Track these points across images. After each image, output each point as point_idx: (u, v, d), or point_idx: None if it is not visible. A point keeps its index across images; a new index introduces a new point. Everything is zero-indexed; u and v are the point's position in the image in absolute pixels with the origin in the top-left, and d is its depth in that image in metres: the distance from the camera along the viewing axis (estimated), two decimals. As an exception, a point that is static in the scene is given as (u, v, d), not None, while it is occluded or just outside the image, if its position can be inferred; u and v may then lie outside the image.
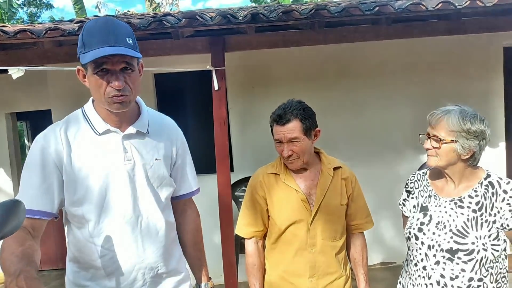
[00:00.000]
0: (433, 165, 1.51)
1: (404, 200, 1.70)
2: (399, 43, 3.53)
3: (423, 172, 1.67)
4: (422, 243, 1.50)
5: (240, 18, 2.47)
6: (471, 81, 4.03)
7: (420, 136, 1.56)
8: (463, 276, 1.42)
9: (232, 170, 3.98)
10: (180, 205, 1.62)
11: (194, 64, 3.36)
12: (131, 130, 1.39)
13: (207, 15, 2.53)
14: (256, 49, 2.92)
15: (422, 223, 1.53)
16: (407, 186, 1.69)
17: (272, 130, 1.71)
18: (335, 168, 1.77)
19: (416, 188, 1.65)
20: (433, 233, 1.49)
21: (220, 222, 2.80)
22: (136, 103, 1.48)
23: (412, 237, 1.54)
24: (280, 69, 4.02)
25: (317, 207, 1.68)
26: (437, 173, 1.62)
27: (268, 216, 1.76)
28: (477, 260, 1.41)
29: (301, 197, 1.68)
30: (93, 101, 1.41)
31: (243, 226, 1.79)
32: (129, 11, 11.13)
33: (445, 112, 1.48)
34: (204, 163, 3.39)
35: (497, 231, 1.43)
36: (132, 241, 1.38)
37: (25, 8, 16.53)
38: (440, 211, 1.51)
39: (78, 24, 2.44)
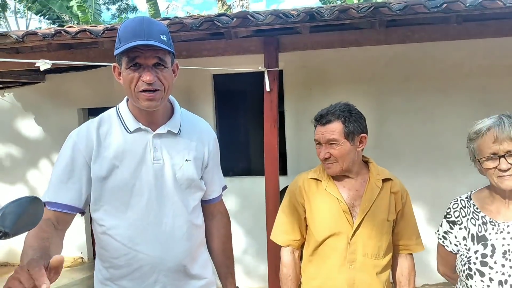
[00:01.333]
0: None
1: (445, 232, 1.48)
2: (474, 43, 3.21)
3: (467, 197, 1.45)
4: (491, 279, 1.28)
5: (293, 17, 2.37)
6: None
7: (481, 160, 1.31)
8: None
9: (285, 173, 3.91)
10: (210, 209, 1.58)
11: (249, 65, 3.33)
12: (162, 129, 1.37)
13: (261, 14, 2.47)
14: (311, 50, 2.81)
15: (484, 256, 1.32)
16: (449, 216, 1.47)
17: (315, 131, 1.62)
18: (384, 180, 1.62)
19: (463, 217, 1.43)
20: (503, 265, 1.28)
21: (267, 228, 2.73)
22: (170, 103, 1.46)
23: (475, 274, 1.32)
24: (340, 70, 3.86)
25: (360, 220, 1.55)
26: (485, 196, 1.41)
27: (306, 225, 1.66)
28: None
29: (343, 207, 1.56)
30: (127, 100, 1.41)
31: (280, 233, 1.70)
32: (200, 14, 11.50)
33: (500, 123, 1.29)
34: (260, 165, 3.35)
35: None
36: (155, 242, 1.35)
37: (113, 11, 17.71)
38: (504, 238, 1.30)
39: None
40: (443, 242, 1.49)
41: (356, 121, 1.56)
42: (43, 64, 1.87)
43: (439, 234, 1.52)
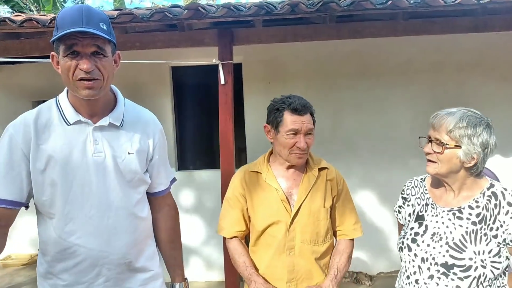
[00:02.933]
0: (432, 172, 1.38)
1: (399, 207, 1.58)
2: (426, 39, 3.33)
3: (422, 178, 1.55)
4: (416, 255, 1.38)
5: (244, 10, 2.39)
6: (504, 83, 3.74)
7: (420, 138, 1.42)
8: None
9: (245, 166, 3.93)
10: (157, 202, 1.57)
11: (209, 58, 3.33)
12: (103, 122, 1.36)
13: (214, 7, 2.47)
14: (265, 43, 2.84)
15: (416, 233, 1.41)
16: (403, 193, 1.57)
17: (277, 120, 1.60)
18: (320, 169, 1.67)
19: (412, 195, 1.53)
20: (428, 245, 1.37)
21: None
22: (113, 93, 1.45)
23: (405, 248, 1.42)
24: (298, 65, 3.91)
25: (297, 208, 1.59)
26: (437, 180, 1.49)
27: (249, 216, 1.68)
28: (474, 278, 1.28)
29: (281, 196, 1.60)
30: (67, 91, 1.38)
31: (224, 226, 1.71)
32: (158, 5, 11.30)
33: (449, 113, 1.35)
34: (217, 158, 3.36)
35: (499, 247, 1.29)
36: (97, 236, 1.34)
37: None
38: (437, 222, 1.39)
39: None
40: (397, 215, 1.59)
41: (313, 113, 1.65)
42: None
43: (395, 208, 1.61)
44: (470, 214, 1.35)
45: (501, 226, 1.30)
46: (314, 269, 1.61)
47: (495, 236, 1.30)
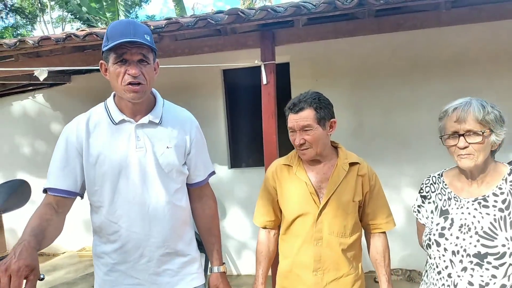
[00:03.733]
0: (471, 165, 1.34)
1: (419, 206, 1.58)
2: (480, 27, 3.17)
3: (439, 174, 1.55)
4: (445, 249, 1.37)
5: (282, 11, 2.48)
6: None
7: (443, 137, 1.39)
8: (494, 283, 1.28)
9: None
10: (196, 192, 1.73)
11: (253, 59, 3.46)
12: (144, 120, 1.54)
13: (253, 9, 2.59)
14: (305, 42, 2.90)
15: (443, 228, 1.41)
16: (421, 191, 1.57)
17: (287, 120, 1.72)
18: (351, 164, 1.71)
19: (432, 192, 1.52)
20: (457, 238, 1.36)
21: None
22: (153, 95, 1.63)
23: (433, 244, 1.41)
24: (345, 61, 3.90)
25: (325, 201, 1.65)
26: (454, 174, 1.49)
27: (279, 207, 1.78)
28: (510, 264, 1.27)
29: (310, 189, 1.67)
30: (114, 95, 1.58)
31: (257, 215, 1.84)
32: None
33: (466, 104, 1.36)
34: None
35: None
36: (140, 221, 1.52)
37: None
38: (463, 213, 1.38)
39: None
40: (417, 215, 1.60)
41: (325, 108, 1.66)
42: (40, 72, 2.06)
43: (414, 208, 1.61)
44: (495, 201, 1.34)
45: None
46: (341, 260, 1.66)
47: None
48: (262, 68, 2.84)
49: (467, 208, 1.38)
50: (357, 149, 3.82)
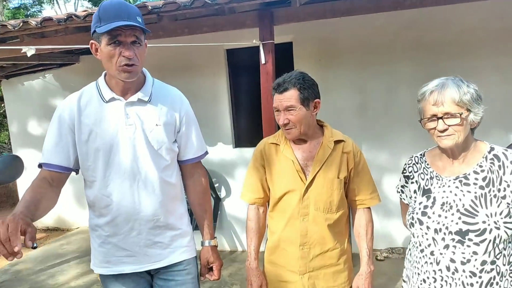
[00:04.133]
0: (452, 144, 1.36)
1: (402, 186, 1.62)
2: (489, 4, 3.11)
3: (421, 154, 1.57)
4: (428, 227, 1.41)
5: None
6: None
7: (423, 121, 1.41)
8: (476, 260, 1.32)
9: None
10: (188, 169, 1.79)
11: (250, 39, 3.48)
12: (133, 98, 1.59)
13: None
14: (304, 21, 2.90)
15: (425, 207, 1.44)
16: (405, 171, 1.60)
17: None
18: (336, 142, 1.75)
19: (415, 172, 1.55)
20: (439, 216, 1.39)
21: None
22: (142, 74, 1.68)
23: (415, 222, 1.45)
24: (349, 40, 3.88)
25: (311, 178, 1.70)
26: (436, 153, 1.52)
27: (267, 184, 1.83)
28: (490, 241, 1.30)
29: (296, 167, 1.71)
30: (105, 75, 1.64)
31: (246, 192, 1.88)
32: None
33: (442, 85, 1.37)
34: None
35: (508, 207, 1.31)
36: (130, 195, 1.59)
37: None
38: (444, 191, 1.41)
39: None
40: (400, 195, 1.64)
41: (310, 88, 1.68)
42: (28, 50, 2.14)
43: (398, 188, 1.65)
44: (476, 179, 1.36)
45: (508, 186, 1.32)
46: (327, 235, 1.72)
47: (504, 197, 1.31)
48: (261, 48, 2.86)
49: (449, 186, 1.41)
50: (361, 129, 3.90)
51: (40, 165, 1.59)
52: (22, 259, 4.49)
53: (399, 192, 1.64)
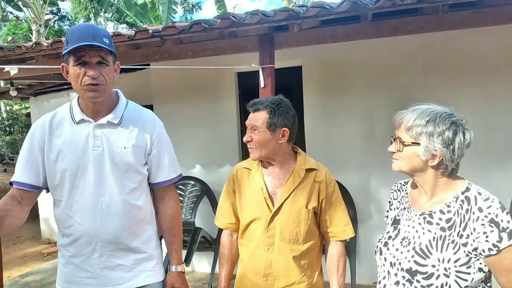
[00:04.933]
0: (395, 169, 1.36)
1: (387, 211, 1.55)
2: (504, 31, 2.98)
3: (405, 182, 1.50)
4: (385, 259, 1.35)
5: (272, 15, 2.48)
6: None
7: (390, 138, 1.40)
8: None
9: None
10: (159, 191, 1.78)
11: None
12: (102, 120, 1.61)
13: (257, 13, 2.58)
14: (304, 45, 2.87)
15: (389, 237, 1.39)
16: (389, 197, 1.54)
17: None
18: (309, 170, 1.70)
19: (394, 199, 1.50)
20: (397, 249, 1.33)
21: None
22: (116, 96, 1.70)
23: (377, 251, 1.40)
24: (358, 65, 3.80)
25: (278, 206, 1.65)
26: (414, 183, 1.44)
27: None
28: (436, 287, 1.21)
29: (264, 194, 1.67)
30: (78, 97, 1.67)
31: (219, 216, 1.85)
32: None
33: (410, 110, 1.33)
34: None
35: (469, 256, 1.19)
36: (92, 217, 1.59)
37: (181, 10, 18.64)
38: (409, 226, 1.34)
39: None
40: (386, 221, 1.56)
41: (281, 115, 1.65)
42: (11, 69, 2.24)
43: (385, 213, 1.58)
44: (440, 219, 1.27)
45: (471, 234, 1.20)
46: (292, 268, 1.65)
47: (465, 244, 1.20)
48: (260, 72, 2.85)
49: (414, 221, 1.33)
50: (369, 154, 3.78)
51: (11, 183, 1.63)
52: (31, 271, 4.61)
53: (385, 216, 1.56)
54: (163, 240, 1.83)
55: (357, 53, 3.76)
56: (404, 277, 1.27)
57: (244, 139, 1.68)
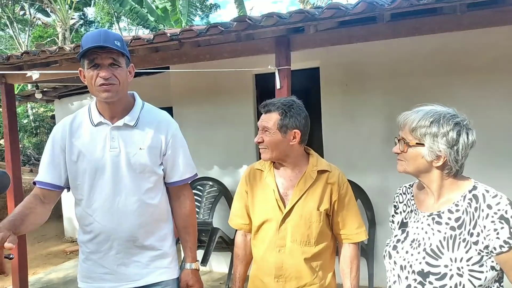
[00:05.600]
0: (400, 170, 1.36)
1: (392, 216, 1.54)
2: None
3: (410, 185, 1.50)
4: (395, 262, 1.34)
5: (287, 17, 2.50)
6: None
7: (395, 139, 1.39)
8: None
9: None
10: (174, 191, 1.83)
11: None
12: (119, 122, 1.67)
13: (277, 14, 2.59)
14: (321, 47, 2.88)
15: (398, 240, 1.38)
16: (394, 201, 1.52)
17: None
18: (321, 171, 1.70)
19: (400, 203, 1.49)
20: (406, 252, 1.32)
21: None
22: (132, 98, 1.76)
23: (386, 255, 1.39)
24: (377, 65, 3.78)
25: (289, 208, 1.66)
26: (421, 185, 1.43)
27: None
28: (451, 287, 1.20)
29: (276, 196, 1.68)
30: (97, 100, 1.73)
31: (232, 217, 1.87)
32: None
33: (414, 111, 1.33)
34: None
35: (480, 254, 1.18)
36: (110, 215, 1.66)
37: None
38: (417, 227, 1.34)
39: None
40: (391, 225, 1.56)
41: (293, 117, 1.65)
42: (33, 74, 2.31)
43: (390, 218, 1.58)
44: (449, 218, 1.26)
45: (482, 231, 1.18)
46: (303, 269, 1.65)
47: (476, 243, 1.19)
48: (276, 74, 2.87)
49: (422, 222, 1.33)
50: (388, 156, 3.70)
51: (34, 183, 1.70)
52: (55, 268, 4.75)
53: (390, 222, 1.56)
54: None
55: (375, 54, 3.73)
56: (415, 279, 1.26)
57: (255, 140, 1.70)
